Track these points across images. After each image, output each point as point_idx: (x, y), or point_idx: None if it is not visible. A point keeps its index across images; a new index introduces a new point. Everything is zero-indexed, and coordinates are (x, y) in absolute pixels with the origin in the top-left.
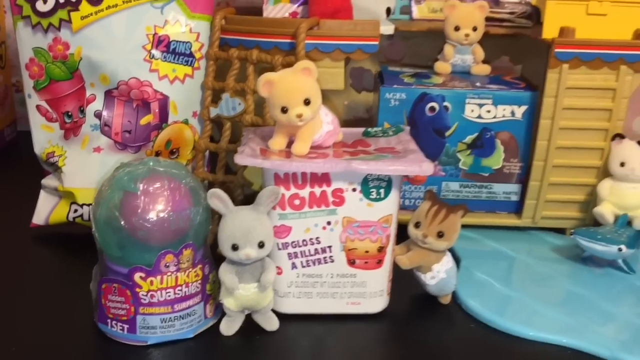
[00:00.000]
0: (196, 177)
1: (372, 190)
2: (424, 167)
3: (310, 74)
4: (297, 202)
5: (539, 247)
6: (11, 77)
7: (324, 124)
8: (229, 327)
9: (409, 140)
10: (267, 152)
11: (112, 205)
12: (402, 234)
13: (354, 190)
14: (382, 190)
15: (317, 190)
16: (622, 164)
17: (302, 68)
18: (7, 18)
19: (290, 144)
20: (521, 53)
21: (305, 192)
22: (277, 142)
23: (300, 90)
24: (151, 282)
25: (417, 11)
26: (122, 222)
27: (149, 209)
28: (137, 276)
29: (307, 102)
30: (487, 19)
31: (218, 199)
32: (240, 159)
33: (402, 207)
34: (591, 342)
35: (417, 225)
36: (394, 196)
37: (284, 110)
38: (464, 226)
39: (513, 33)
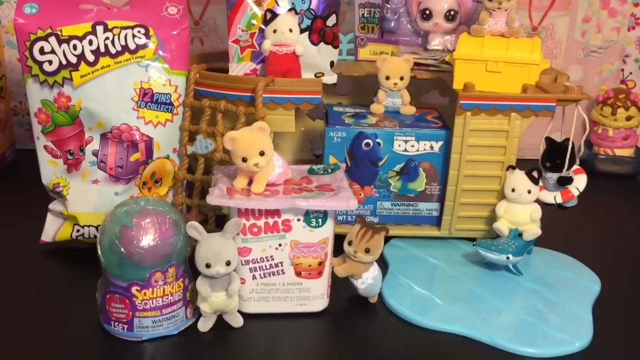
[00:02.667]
0: (178, 211)
1: (312, 219)
2: (350, 203)
3: (264, 132)
4: (255, 229)
5: (453, 253)
6: (10, 102)
7: (276, 168)
8: (205, 325)
9: (342, 178)
10: (232, 191)
11: (113, 236)
12: (340, 245)
13: (298, 220)
14: (320, 220)
15: (270, 221)
16: (513, 190)
17: (258, 127)
18: (6, 50)
19: (250, 182)
20: (447, 88)
21: (261, 222)
22: (240, 182)
23: (256, 145)
24: (145, 294)
25: (360, 53)
26: (122, 249)
27: (142, 238)
28: (133, 289)
29: (262, 154)
30: (416, 63)
31: (195, 229)
32: (211, 200)
33: (342, 222)
34: (477, 331)
35: (349, 243)
36: (329, 224)
37: (244, 160)
38: (394, 237)
39: (436, 77)
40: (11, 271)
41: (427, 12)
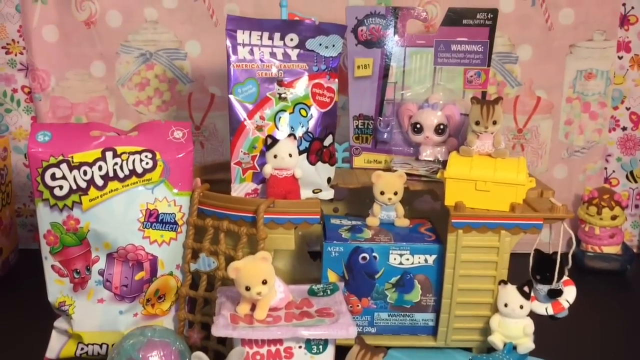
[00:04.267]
0: (183, 341)
1: (313, 346)
2: (350, 331)
3: (266, 261)
4: (258, 357)
5: None
6: (15, 205)
7: (278, 293)
8: None
9: (341, 301)
10: (236, 318)
11: None
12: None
13: (300, 347)
14: (320, 346)
15: (273, 348)
16: (506, 305)
17: (260, 257)
18: (13, 156)
19: (253, 307)
20: (439, 194)
21: (264, 350)
22: (243, 308)
23: (259, 274)
24: None
25: (355, 161)
26: None
27: None
28: None
29: (264, 282)
30: (408, 174)
31: (199, 359)
32: (216, 331)
33: None
34: None
35: None
36: (330, 350)
37: (248, 288)
38: (392, 347)
39: (428, 189)
40: None
41: (418, 126)
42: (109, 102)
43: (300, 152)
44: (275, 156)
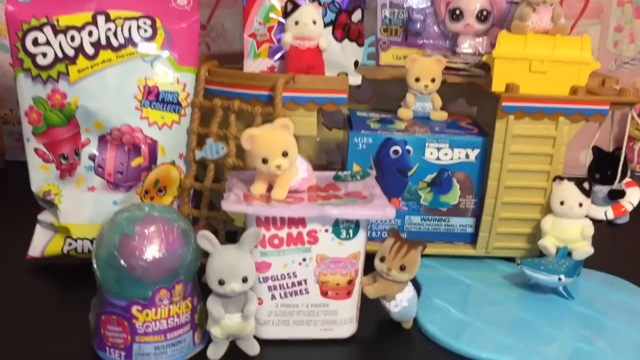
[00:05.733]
0: (187, 220)
1: (342, 231)
2: (387, 212)
3: (287, 130)
4: (276, 241)
5: (491, 274)
6: (1, 109)
7: (300, 172)
8: (215, 352)
9: (375, 185)
10: (249, 197)
11: (112, 246)
12: (370, 263)
13: (326, 231)
14: (351, 231)
15: (294, 231)
16: (562, 203)
17: (280, 125)
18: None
19: (270, 188)
20: (476, 96)
21: (283, 233)
22: (258, 188)
23: (279, 144)
24: (147, 314)
25: (382, 58)
26: (121, 262)
27: (145, 250)
28: (134, 309)
29: (284, 154)
30: (445, 68)
31: (207, 239)
32: (227, 206)
33: (370, 239)
34: None
35: (382, 259)
36: (361, 236)
37: (265, 161)
38: (425, 256)
39: (468, 82)
40: None
41: (458, 12)
42: None
43: (325, 26)
44: (296, 23)
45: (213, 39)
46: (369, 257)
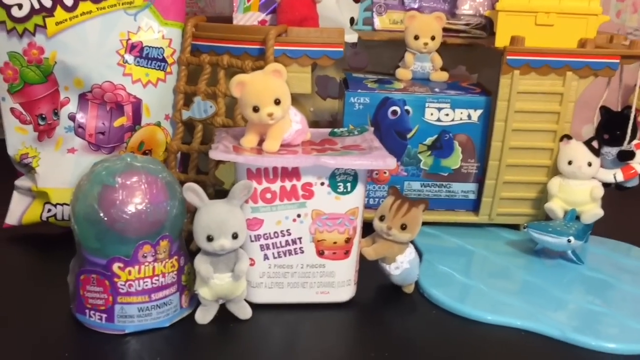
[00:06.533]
0: (171, 174)
1: (339, 184)
2: (388, 162)
3: (280, 76)
4: (268, 195)
5: (495, 242)
6: None
7: (293, 123)
8: (204, 316)
9: (373, 139)
10: (239, 149)
11: (91, 199)
12: (367, 232)
13: (322, 184)
14: (348, 184)
15: (288, 185)
16: (570, 163)
17: (272, 70)
18: None
19: (261, 142)
20: (476, 63)
21: (276, 186)
22: (249, 140)
23: (271, 91)
24: (129, 272)
25: (379, 22)
26: (101, 214)
27: (127, 202)
28: (115, 266)
29: (277, 102)
30: (445, 29)
31: (193, 192)
32: (214, 155)
33: (367, 206)
34: (544, 325)
35: (381, 218)
36: (360, 190)
37: (256, 109)
38: (425, 223)
39: (468, 43)
40: None
41: None
42: None
43: None
44: None
45: (202, 8)
46: (367, 225)
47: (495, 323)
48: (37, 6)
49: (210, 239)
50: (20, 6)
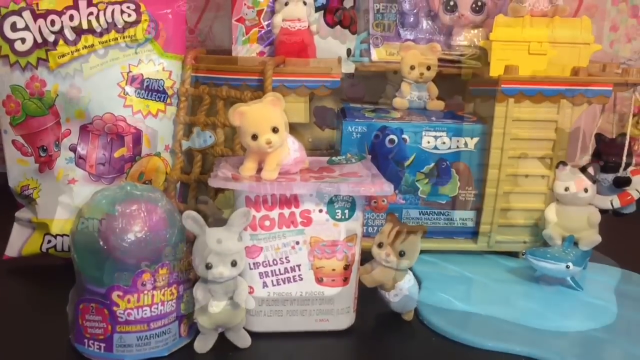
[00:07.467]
0: (171, 201)
1: (337, 210)
2: (385, 188)
3: (277, 105)
4: (267, 223)
5: (494, 269)
6: None
7: (292, 151)
8: (203, 345)
9: (371, 166)
10: (238, 177)
11: (91, 226)
12: (367, 260)
13: (320, 211)
14: (346, 211)
15: (286, 212)
16: (567, 189)
17: (270, 99)
18: None
19: (259, 170)
20: (472, 93)
21: (274, 214)
22: (248, 168)
23: (268, 119)
24: (128, 300)
25: (375, 54)
26: (101, 242)
27: (126, 230)
28: (114, 295)
29: (275, 130)
30: (440, 60)
31: (192, 220)
32: (213, 182)
33: (366, 235)
34: (545, 351)
35: (380, 245)
36: (358, 216)
37: (254, 137)
38: (423, 251)
39: (464, 72)
40: None
41: (452, 3)
42: None
43: (316, 10)
44: (286, 3)
45: (201, 43)
46: (366, 253)
47: (496, 350)
48: (39, 40)
49: (209, 266)
50: (23, 40)
